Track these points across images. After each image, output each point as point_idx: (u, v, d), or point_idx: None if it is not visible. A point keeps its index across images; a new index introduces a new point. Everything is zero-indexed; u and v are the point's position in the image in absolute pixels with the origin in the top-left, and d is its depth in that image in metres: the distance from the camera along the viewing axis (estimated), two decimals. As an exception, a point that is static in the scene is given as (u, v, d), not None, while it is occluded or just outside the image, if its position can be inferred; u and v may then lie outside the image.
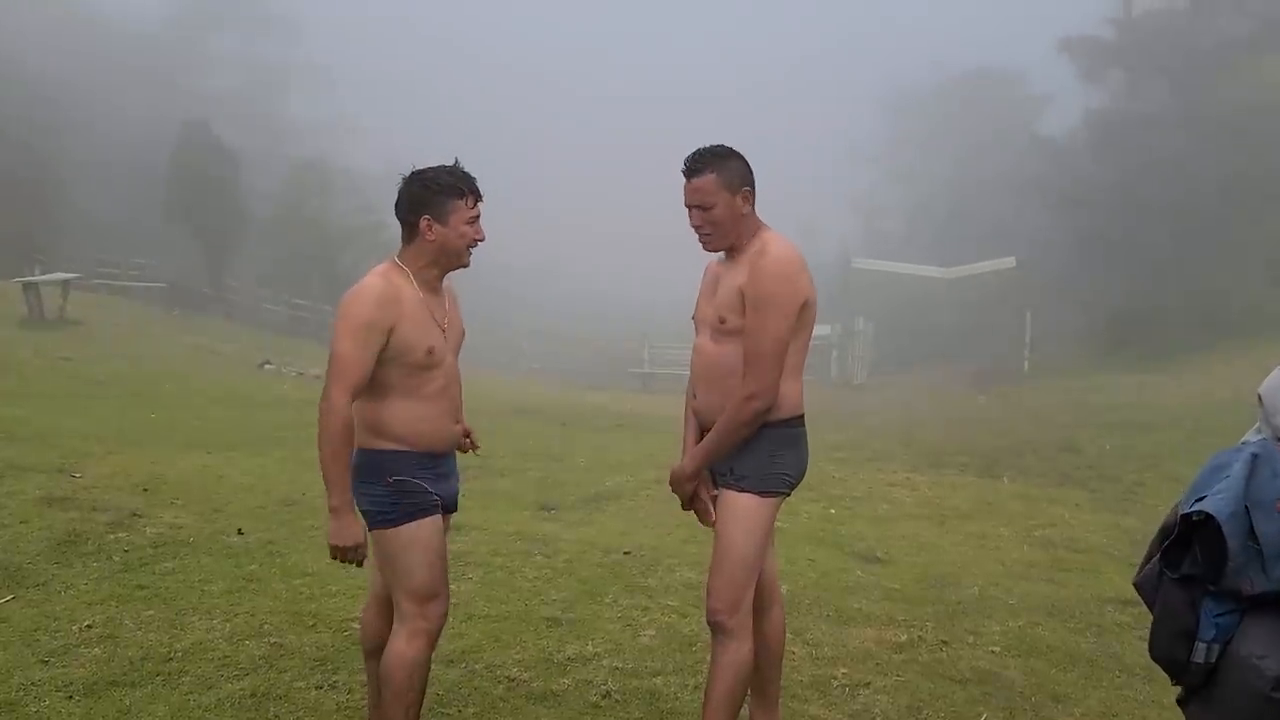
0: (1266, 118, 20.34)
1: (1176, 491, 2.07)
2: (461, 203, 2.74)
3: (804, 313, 2.76)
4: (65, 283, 17.66)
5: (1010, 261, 23.87)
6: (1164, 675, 3.84)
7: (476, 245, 2.81)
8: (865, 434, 12.18)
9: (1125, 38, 25.31)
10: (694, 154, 2.85)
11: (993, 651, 4.12)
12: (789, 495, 2.90)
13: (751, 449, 2.80)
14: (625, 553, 5.39)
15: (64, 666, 3.48)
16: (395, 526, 2.72)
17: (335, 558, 2.68)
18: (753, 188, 2.85)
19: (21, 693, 3.25)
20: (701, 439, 2.94)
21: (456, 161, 2.81)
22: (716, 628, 2.84)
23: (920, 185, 39.01)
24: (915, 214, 38.44)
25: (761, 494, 2.82)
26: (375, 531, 2.75)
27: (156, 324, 19.93)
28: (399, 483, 2.72)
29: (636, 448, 10.23)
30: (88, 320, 17.36)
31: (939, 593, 4.94)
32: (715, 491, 2.89)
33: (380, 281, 2.70)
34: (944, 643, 4.18)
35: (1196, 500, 1.96)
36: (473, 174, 2.80)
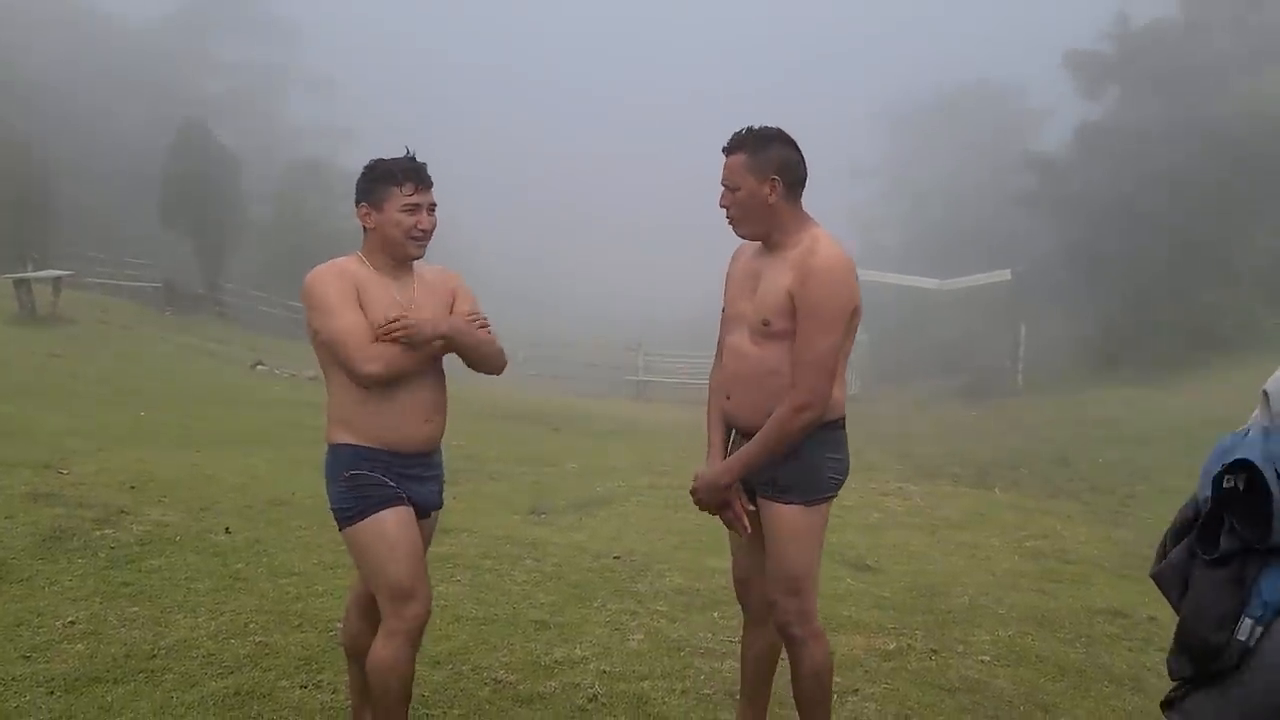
0: (1262, 133, 20.41)
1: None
2: (398, 189, 2.65)
3: (853, 319, 2.66)
4: (57, 280, 17.60)
5: (1006, 274, 23.87)
6: (1154, 685, 3.85)
7: (421, 235, 2.69)
8: (858, 444, 12.14)
9: (1121, 51, 25.39)
10: (739, 131, 2.73)
11: (982, 661, 4.10)
12: (835, 496, 2.81)
13: (795, 458, 2.69)
14: (615, 557, 5.37)
15: (46, 662, 3.45)
16: (355, 523, 2.65)
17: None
18: (788, 179, 2.69)
19: (2, 688, 3.22)
20: (728, 440, 2.85)
21: (408, 151, 2.72)
22: (790, 640, 2.81)
23: (917, 198, 39.13)
24: (912, 226, 38.55)
25: (807, 503, 2.73)
26: (343, 532, 2.70)
27: (149, 323, 19.87)
28: (354, 477, 2.65)
29: (629, 454, 10.21)
30: (79, 318, 17.31)
31: (929, 601, 4.92)
32: (751, 506, 2.77)
33: (331, 264, 2.70)
34: (933, 651, 4.16)
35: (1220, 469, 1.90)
36: (422, 162, 2.70)
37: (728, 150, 2.72)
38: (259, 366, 16.53)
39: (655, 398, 23.36)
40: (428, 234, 2.72)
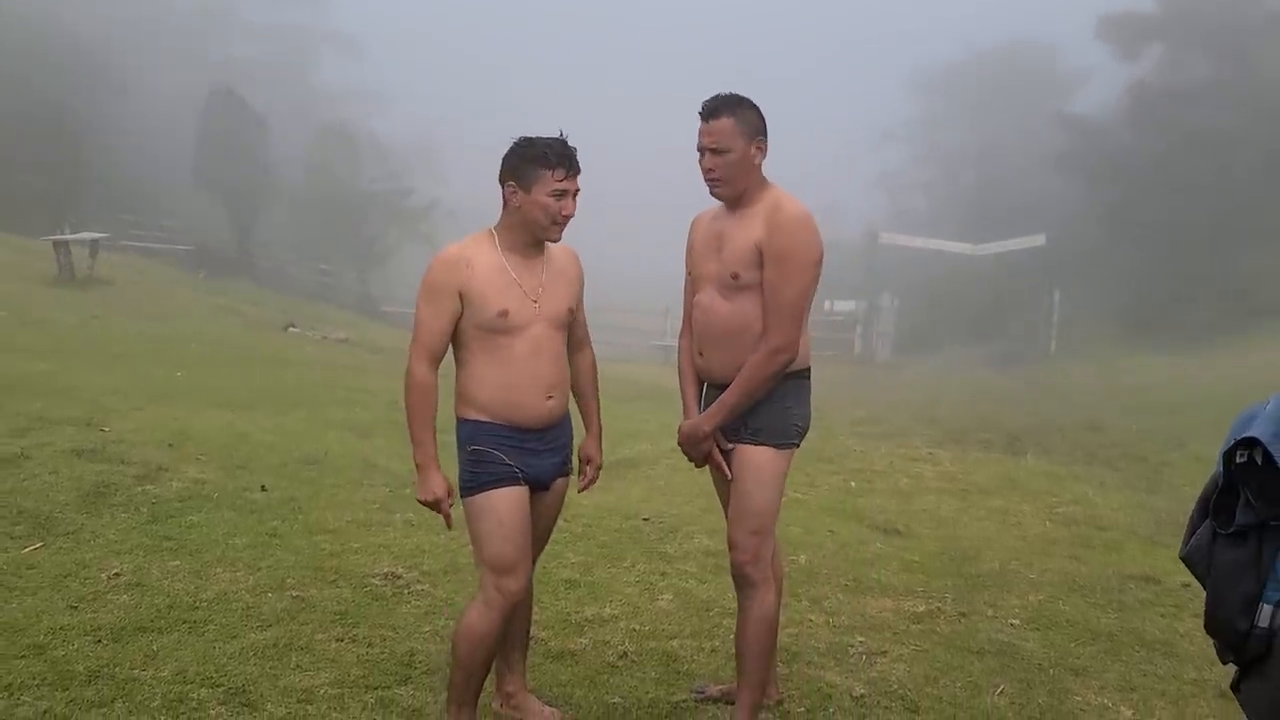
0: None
1: (1204, 472, 1.99)
2: (549, 173, 2.69)
3: (818, 268, 2.82)
4: (94, 242, 17.79)
5: (1040, 239, 23.50)
6: (1186, 651, 3.84)
7: (564, 220, 2.75)
8: (888, 410, 12.12)
9: (1167, 9, 24.68)
10: (712, 98, 2.85)
11: (1012, 624, 4.11)
12: (799, 445, 2.95)
13: (767, 402, 2.84)
14: (644, 519, 5.41)
15: (93, 612, 3.54)
16: (471, 495, 2.77)
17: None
18: (766, 140, 2.85)
19: (50, 636, 3.31)
20: (703, 395, 2.99)
21: (561, 134, 2.76)
22: (743, 580, 2.92)
23: (950, 162, 38.49)
24: (944, 190, 37.98)
25: (778, 446, 2.87)
26: (462, 500, 2.81)
27: (182, 285, 20.07)
28: (475, 452, 2.76)
29: (657, 417, 10.23)
30: (115, 280, 17.52)
31: (958, 566, 4.92)
32: (728, 447, 2.91)
33: (455, 247, 2.77)
34: (962, 615, 4.17)
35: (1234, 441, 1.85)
36: (574, 147, 2.75)
37: (711, 114, 2.82)
38: (291, 329, 16.68)
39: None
40: (568, 219, 2.78)
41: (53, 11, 29.29)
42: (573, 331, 2.94)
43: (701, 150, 2.85)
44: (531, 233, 2.77)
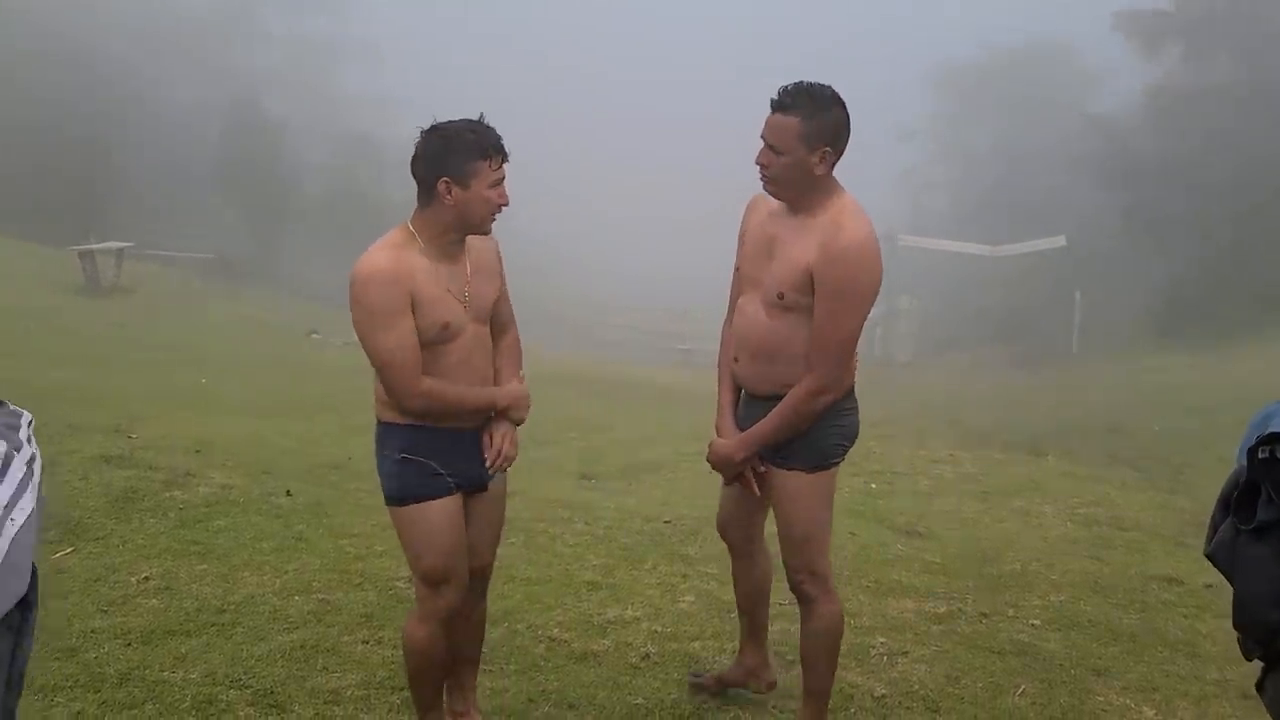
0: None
1: (1226, 472, 2.00)
2: (486, 164, 2.44)
3: (874, 298, 2.63)
4: (120, 251, 18.03)
5: (1060, 240, 23.34)
6: (1209, 651, 3.83)
7: (500, 212, 2.54)
8: (908, 411, 12.08)
9: (1185, 8, 24.50)
10: (791, 86, 2.56)
11: (1033, 625, 4.10)
12: (841, 460, 2.83)
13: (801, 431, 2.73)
14: (665, 521, 5.43)
15: (123, 616, 3.61)
16: (401, 505, 2.62)
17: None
18: (836, 149, 2.57)
19: (81, 639, 3.38)
20: (738, 400, 2.89)
21: (481, 117, 2.50)
22: (801, 596, 2.87)
23: (967, 162, 38.31)
24: (962, 191, 37.78)
25: (812, 470, 2.76)
26: (389, 508, 2.67)
27: (206, 294, 20.29)
28: (405, 460, 2.58)
29: (678, 420, 10.27)
30: (140, 289, 17.74)
31: (980, 567, 4.92)
32: (761, 469, 2.83)
33: (384, 258, 2.47)
34: (984, 615, 4.17)
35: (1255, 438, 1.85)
36: (496, 129, 2.49)
37: (780, 108, 2.55)
38: (313, 335, 16.82)
39: (703, 365, 23.34)
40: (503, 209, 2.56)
41: (74, 23, 29.68)
42: (496, 319, 2.74)
43: (762, 139, 2.60)
44: (463, 230, 2.53)
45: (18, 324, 11.56)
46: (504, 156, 2.49)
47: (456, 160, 2.44)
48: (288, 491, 5.38)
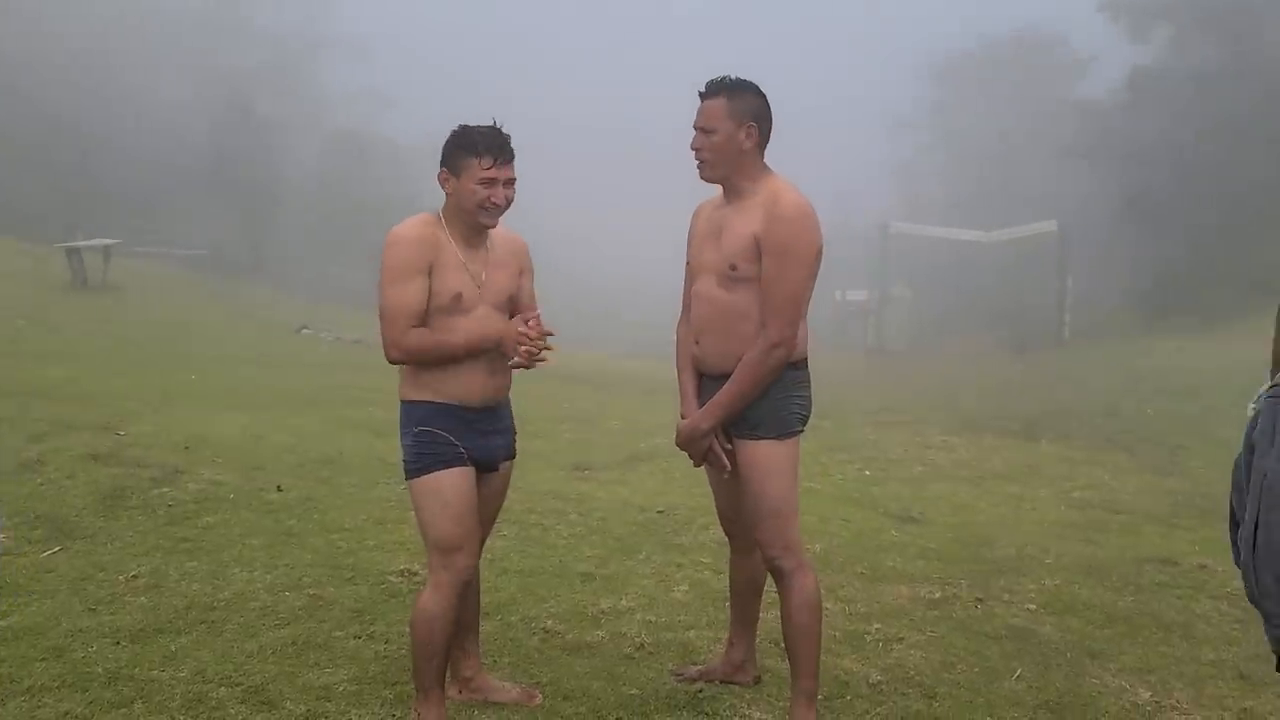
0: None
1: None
2: (475, 161, 2.72)
3: (817, 261, 2.81)
4: (107, 248, 17.91)
5: (1051, 225, 23.35)
6: (1204, 632, 3.82)
7: (493, 208, 2.77)
8: (902, 398, 12.09)
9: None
10: (715, 78, 2.86)
11: (1028, 609, 4.10)
12: (803, 431, 2.94)
13: (764, 396, 2.83)
14: (659, 512, 5.41)
15: (111, 614, 3.57)
16: (418, 477, 2.80)
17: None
18: (762, 127, 2.83)
19: (70, 639, 3.34)
20: (701, 385, 2.97)
21: (495, 122, 2.79)
22: (777, 572, 2.92)
23: (960, 149, 38.31)
24: (954, 178, 37.80)
25: (779, 438, 2.86)
26: (407, 482, 2.85)
27: (195, 289, 20.19)
28: (423, 434, 2.79)
29: (670, 412, 10.23)
30: (128, 285, 17.63)
31: (974, 552, 4.91)
32: (729, 445, 2.89)
33: (413, 226, 2.80)
34: (979, 600, 4.17)
35: None
36: (506, 135, 2.77)
37: (706, 94, 2.82)
38: (304, 330, 16.75)
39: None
40: (501, 208, 2.79)
41: (60, 21, 29.48)
42: (517, 312, 2.91)
43: (694, 128, 2.86)
44: (464, 217, 2.80)
45: (5, 322, 11.49)
46: (497, 157, 2.73)
47: (454, 154, 2.76)
48: (278, 487, 5.34)
